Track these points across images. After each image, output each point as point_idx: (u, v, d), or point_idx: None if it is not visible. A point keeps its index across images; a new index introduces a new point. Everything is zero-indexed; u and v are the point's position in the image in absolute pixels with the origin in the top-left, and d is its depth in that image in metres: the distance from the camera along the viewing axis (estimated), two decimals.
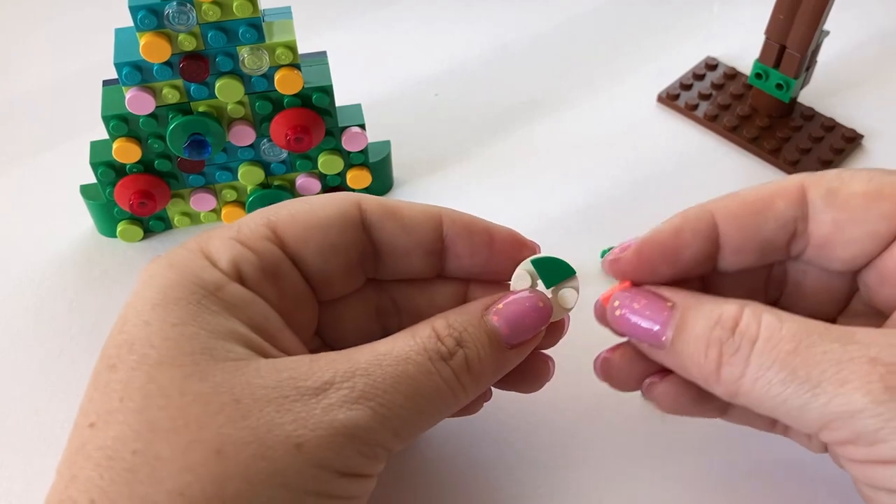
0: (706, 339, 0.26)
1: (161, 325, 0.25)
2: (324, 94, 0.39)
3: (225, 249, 0.27)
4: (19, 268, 0.42)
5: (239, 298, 0.26)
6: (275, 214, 0.29)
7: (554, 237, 0.42)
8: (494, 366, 0.28)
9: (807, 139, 0.46)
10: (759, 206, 0.28)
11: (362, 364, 0.25)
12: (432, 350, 0.26)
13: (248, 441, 0.23)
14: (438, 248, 0.30)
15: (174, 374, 0.24)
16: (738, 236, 0.28)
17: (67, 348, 0.38)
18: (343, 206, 0.29)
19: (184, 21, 0.34)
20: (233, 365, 0.24)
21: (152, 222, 0.42)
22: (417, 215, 0.30)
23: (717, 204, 0.29)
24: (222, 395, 0.24)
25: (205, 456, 0.23)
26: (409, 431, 0.26)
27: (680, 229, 0.28)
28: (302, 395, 0.24)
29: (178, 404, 0.23)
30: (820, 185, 0.28)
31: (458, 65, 0.52)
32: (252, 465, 0.23)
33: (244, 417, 0.23)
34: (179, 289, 0.26)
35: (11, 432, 0.35)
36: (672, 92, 0.49)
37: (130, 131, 0.38)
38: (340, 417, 0.24)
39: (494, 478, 0.33)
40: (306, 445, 0.23)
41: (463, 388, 0.27)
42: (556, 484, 0.33)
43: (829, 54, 0.49)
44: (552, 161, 0.46)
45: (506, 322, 0.28)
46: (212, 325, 0.25)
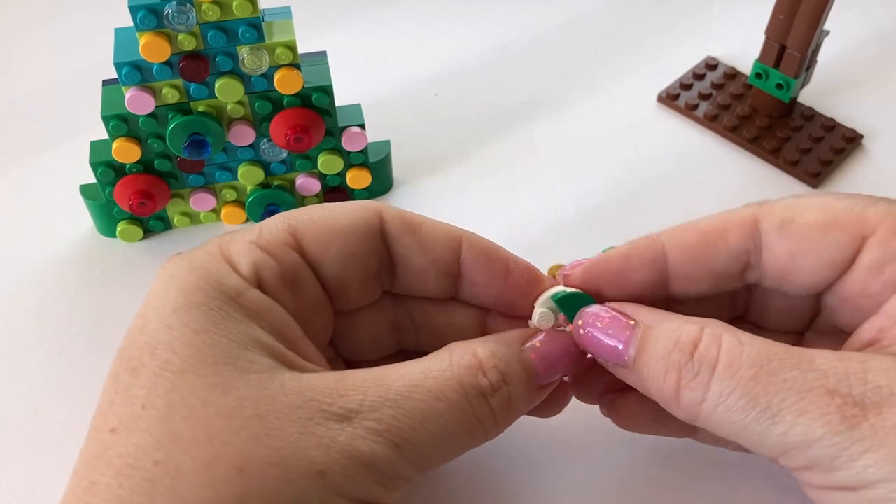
0: (665, 362, 0.26)
1: (183, 331, 0.25)
2: (324, 94, 0.39)
3: (246, 254, 0.27)
4: (19, 268, 0.42)
5: (259, 305, 0.26)
6: (296, 219, 0.28)
7: (554, 237, 0.42)
8: (527, 404, 0.28)
9: (807, 139, 0.46)
10: (709, 237, 0.28)
11: (391, 395, 0.25)
12: (471, 386, 0.26)
13: (271, 462, 0.23)
14: (454, 271, 0.30)
15: (197, 383, 0.24)
16: (688, 267, 0.28)
17: (67, 348, 0.38)
18: (365, 214, 0.29)
19: (183, 21, 0.34)
20: (256, 378, 0.24)
21: (152, 222, 0.42)
22: (437, 234, 0.29)
23: (668, 234, 0.28)
24: (246, 409, 0.23)
25: (227, 473, 0.22)
26: (429, 465, 0.26)
27: (627, 257, 0.28)
28: (326, 419, 0.24)
29: (201, 416, 0.23)
30: (773, 215, 0.27)
31: (458, 65, 0.52)
32: (274, 488, 0.23)
33: (268, 436, 0.23)
34: (200, 293, 0.25)
35: (11, 432, 0.35)
36: (672, 92, 0.49)
37: (130, 131, 0.38)
38: (363, 449, 0.24)
39: (494, 477, 0.33)
40: (329, 474, 0.23)
41: (496, 426, 0.27)
42: (556, 484, 0.33)
43: (829, 54, 0.49)
44: (552, 161, 0.46)
45: (542, 361, 0.28)
46: (234, 334, 0.25)
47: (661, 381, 0.26)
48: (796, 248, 0.27)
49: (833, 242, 0.26)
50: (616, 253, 0.29)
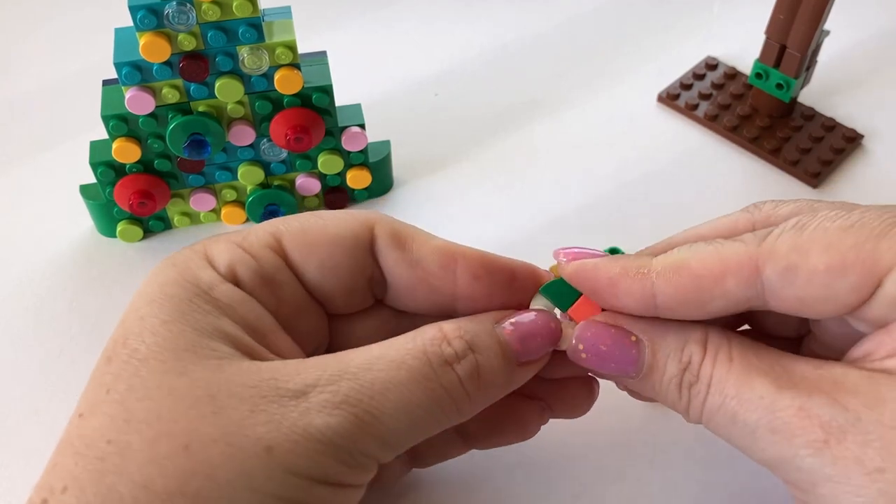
0: (678, 383, 0.26)
1: (153, 321, 0.25)
2: (324, 94, 0.39)
3: (225, 252, 0.27)
4: (19, 268, 0.42)
5: (231, 298, 0.26)
6: (284, 225, 0.28)
7: (554, 237, 0.42)
8: (504, 379, 0.27)
9: (807, 139, 0.46)
10: (704, 283, 0.26)
11: (352, 368, 0.24)
12: (433, 353, 0.25)
13: (215, 438, 0.23)
14: (449, 289, 0.29)
15: (157, 368, 0.24)
16: (679, 310, 0.26)
17: (67, 348, 0.38)
18: (355, 226, 0.28)
19: (183, 21, 0.34)
20: (215, 363, 0.24)
21: (152, 222, 0.42)
22: (428, 251, 0.28)
23: (659, 273, 0.26)
24: (197, 390, 0.24)
25: (172, 450, 0.23)
26: (398, 440, 0.25)
27: (615, 282, 0.27)
28: (280, 396, 0.24)
29: (154, 397, 0.23)
30: (775, 261, 0.25)
31: (458, 65, 0.52)
32: (218, 465, 0.22)
33: (215, 414, 0.23)
34: (175, 286, 0.26)
35: (11, 432, 0.35)
36: (672, 92, 0.49)
37: (130, 131, 0.38)
38: (317, 423, 0.23)
39: (494, 477, 0.33)
40: (277, 449, 0.23)
41: (468, 397, 0.26)
42: (556, 484, 0.33)
43: (829, 54, 0.49)
44: (552, 161, 0.46)
45: (518, 336, 0.27)
46: (200, 324, 0.25)
47: (675, 398, 0.26)
48: (805, 296, 0.25)
49: (845, 288, 0.24)
50: (605, 273, 0.27)
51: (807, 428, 0.23)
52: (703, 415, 0.26)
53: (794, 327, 0.30)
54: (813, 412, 0.23)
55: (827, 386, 0.24)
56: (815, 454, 0.23)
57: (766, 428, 0.24)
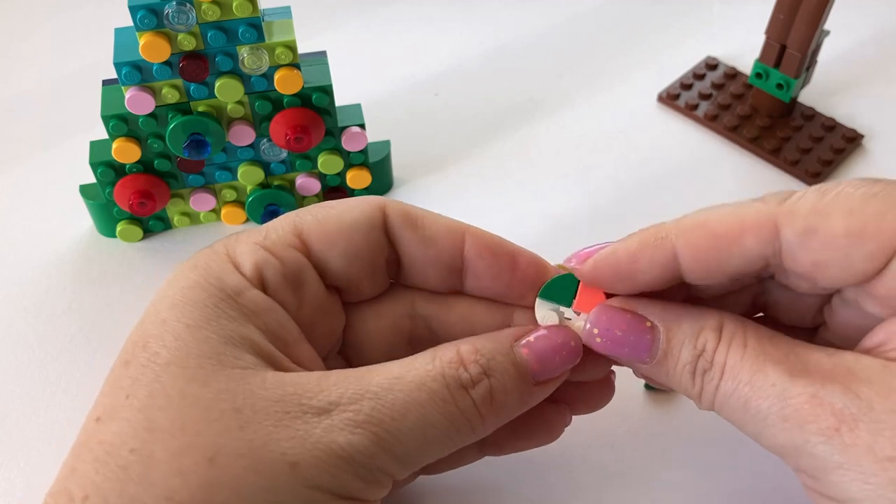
0: (692, 370, 0.26)
1: (175, 325, 0.25)
2: (324, 94, 0.39)
3: (249, 254, 0.27)
4: (19, 268, 0.42)
5: (258, 305, 0.26)
6: (301, 220, 0.28)
7: (554, 237, 0.42)
8: (519, 400, 0.27)
9: (807, 139, 0.46)
10: (723, 241, 0.26)
11: (373, 387, 0.25)
12: (451, 377, 0.26)
13: (242, 453, 0.23)
14: (458, 266, 0.29)
15: (179, 375, 0.24)
16: (699, 270, 0.26)
17: (67, 348, 0.38)
18: (367, 209, 0.29)
19: (183, 21, 0.34)
20: (239, 373, 0.24)
21: (152, 222, 0.42)
22: (439, 229, 0.29)
23: (678, 231, 0.26)
24: (223, 402, 0.23)
25: (197, 462, 0.23)
26: (414, 459, 0.25)
27: (636, 257, 0.27)
28: (304, 412, 0.24)
29: (177, 406, 0.23)
30: (795, 221, 0.25)
31: (458, 65, 0.52)
32: (243, 479, 0.23)
33: (241, 428, 0.23)
34: (199, 290, 0.26)
35: (11, 432, 0.35)
36: (672, 92, 0.49)
37: (130, 131, 0.38)
38: (340, 441, 0.24)
39: (494, 477, 0.33)
40: (301, 465, 0.23)
41: (481, 420, 0.26)
42: (556, 484, 0.33)
43: (829, 54, 0.49)
44: (552, 161, 0.46)
45: (536, 356, 0.27)
46: (225, 331, 0.25)
47: (689, 384, 0.26)
48: (821, 259, 0.25)
49: (862, 254, 0.24)
50: (624, 251, 0.27)
51: (819, 415, 0.24)
52: (716, 401, 0.26)
53: (808, 317, 0.29)
54: (826, 400, 0.24)
55: (840, 374, 0.24)
56: (827, 441, 0.23)
57: (778, 415, 0.24)
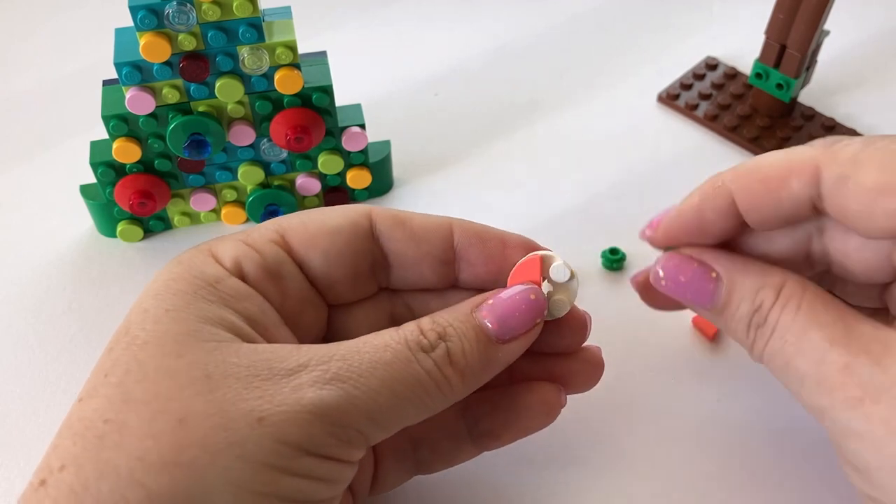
0: (747, 323, 0.28)
1: (155, 311, 0.26)
2: (324, 94, 0.39)
3: (230, 248, 0.28)
4: (19, 268, 0.42)
5: (235, 291, 0.27)
6: (286, 221, 0.30)
7: (554, 237, 0.42)
8: (482, 360, 0.28)
9: (807, 139, 0.46)
10: (773, 184, 0.28)
11: (341, 350, 0.26)
12: (412, 341, 0.27)
13: (210, 413, 0.23)
14: (450, 258, 0.30)
15: (156, 352, 0.25)
16: (756, 213, 0.28)
17: (67, 348, 0.38)
18: (353, 215, 0.30)
19: (184, 21, 0.34)
20: (213, 345, 0.25)
21: (152, 222, 0.42)
22: (427, 224, 0.30)
23: (733, 177, 0.28)
24: (194, 370, 0.24)
25: (168, 425, 0.23)
26: (386, 417, 0.26)
27: (701, 210, 0.29)
28: (274, 374, 0.25)
29: (152, 378, 0.24)
30: (833, 167, 0.26)
31: (458, 65, 0.52)
32: (211, 435, 0.23)
33: (211, 391, 0.24)
34: (181, 281, 0.27)
35: (11, 432, 0.35)
36: (672, 92, 0.49)
37: (130, 131, 0.38)
38: (309, 395, 0.24)
39: (494, 477, 0.33)
40: (268, 420, 0.24)
41: (447, 381, 0.27)
42: (556, 484, 0.33)
43: (829, 54, 0.49)
44: (552, 161, 0.46)
45: (495, 317, 0.28)
46: (203, 312, 0.26)
47: (743, 336, 0.28)
48: (848, 208, 0.26)
49: (884, 209, 0.25)
50: (688, 207, 0.29)
51: (847, 384, 0.25)
52: (764, 355, 0.28)
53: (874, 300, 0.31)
54: (855, 371, 0.25)
55: (877, 348, 0.25)
56: (849, 409, 0.25)
57: (813, 378, 0.26)
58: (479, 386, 0.28)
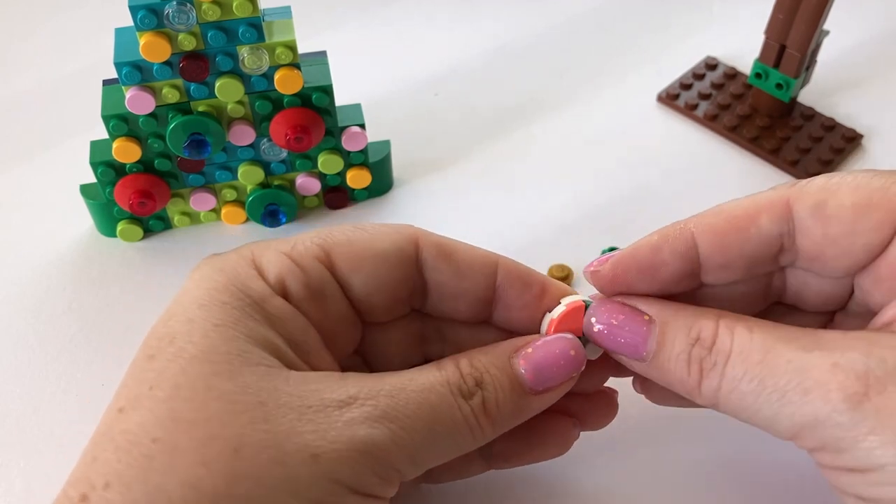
0: (687, 358, 0.26)
1: (203, 324, 0.25)
2: (324, 94, 0.39)
3: (275, 263, 0.28)
4: (19, 268, 0.42)
5: (281, 312, 0.27)
6: (331, 237, 0.29)
7: (554, 237, 0.42)
8: (514, 410, 0.28)
9: (807, 139, 0.46)
10: (740, 223, 0.27)
11: (386, 386, 0.26)
12: (454, 384, 0.27)
13: (266, 445, 0.23)
14: (489, 297, 0.30)
15: (206, 370, 0.24)
16: (719, 255, 0.27)
17: (67, 348, 0.38)
18: (400, 241, 0.29)
19: (184, 21, 0.34)
20: (264, 370, 0.25)
21: (152, 222, 0.42)
22: (473, 261, 0.29)
23: (697, 221, 0.28)
24: (248, 396, 0.24)
25: (222, 453, 0.23)
26: (424, 459, 0.26)
27: (657, 248, 0.28)
28: (326, 406, 0.24)
29: (203, 398, 0.24)
30: (805, 198, 0.27)
31: (458, 65, 0.52)
32: (267, 469, 0.23)
33: (266, 421, 0.24)
34: (226, 293, 0.26)
35: (11, 432, 0.35)
36: (672, 92, 0.49)
37: (130, 131, 0.38)
38: (360, 434, 0.24)
39: (494, 477, 0.33)
40: (323, 458, 0.23)
41: (480, 428, 0.27)
42: (556, 484, 0.33)
43: (829, 54, 0.49)
44: (552, 161, 0.46)
45: (533, 368, 0.28)
46: (252, 332, 0.25)
47: (684, 375, 0.27)
48: (832, 232, 0.26)
49: (868, 225, 0.26)
50: (645, 245, 0.28)
51: (843, 382, 0.23)
52: (722, 388, 0.26)
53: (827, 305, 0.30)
54: (848, 367, 0.23)
55: (860, 345, 0.24)
56: (855, 408, 0.23)
57: (797, 390, 0.24)
58: (506, 430, 0.28)
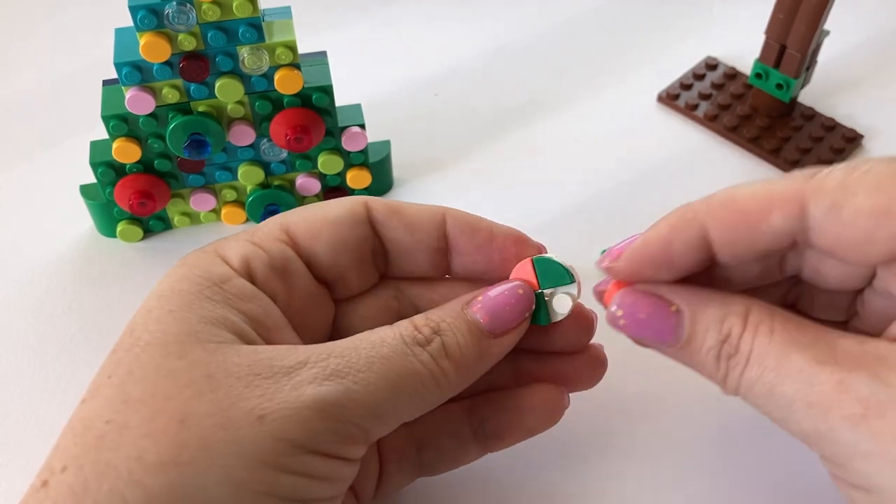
0: (716, 354, 0.26)
1: (159, 312, 0.26)
2: (324, 94, 0.39)
3: (237, 248, 0.28)
4: (19, 268, 0.42)
5: (241, 291, 0.27)
6: (288, 217, 0.30)
7: (554, 237, 0.42)
8: (476, 353, 0.28)
9: (807, 139, 0.46)
10: (753, 219, 0.26)
11: (338, 348, 0.26)
12: (408, 336, 0.27)
13: (211, 413, 0.24)
14: (443, 247, 0.31)
15: (157, 352, 0.25)
16: (730, 249, 0.27)
17: (67, 348, 0.38)
18: (350, 205, 0.30)
19: (184, 21, 0.34)
20: (214, 346, 0.25)
21: (152, 222, 0.42)
22: (421, 214, 0.31)
23: (707, 209, 0.27)
24: (195, 370, 0.24)
25: (167, 424, 0.23)
26: (385, 411, 0.26)
27: (669, 242, 0.27)
28: (275, 373, 0.25)
29: (153, 378, 0.24)
30: (821, 197, 0.25)
31: (458, 65, 0.52)
32: (211, 434, 0.23)
33: (212, 391, 0.24)
34: (186, 282, 0.27)
35: (11, 432, 0.35)
36: (672, 92, 0.49)
37: (130, 131, 0.38)
38: (309, 392, 0.24)
39: (494, 477, 0.33)
40: (269, 417, 0.24)
41: (443, 373, 0.27)
42: (556, 484, 0.33)
43: (829, 54, 0.49)
44: (552, 161, 0.46)
45: (486, 311, 0.28)
46: (205, 312, 0.26)
47: (713, 369, 0.27)
48: (845, 235, 0.25)
49: (885, 234, 0.24)
50: (656, 238, 0.27)
51: (845, 402, 0.23)
52: (741, 386, 0.26)
53: (842, 308, 0.30)
54: (852, 387, 0.23)
55: (869, 362, 0.24)
56: (853, 428, 0.23)
57: (804, 401, 0.24)
58: (473, 379, 0.28)
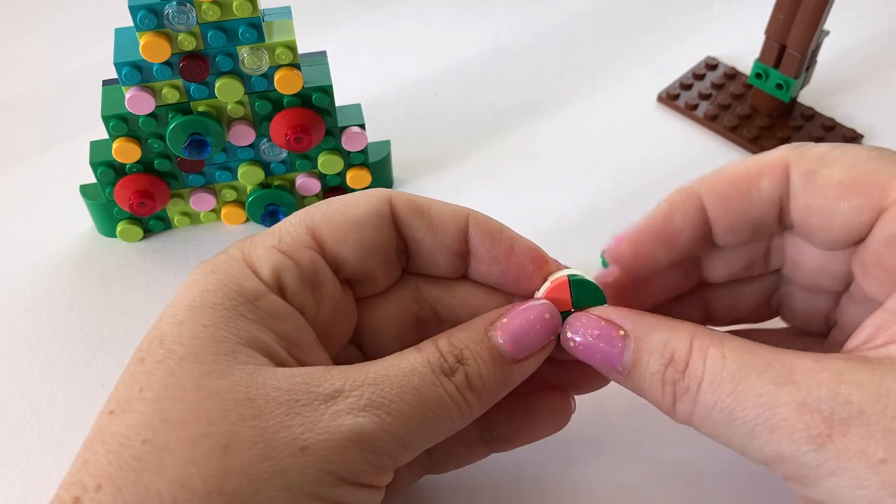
0: (661, 379, 0.26)
1: (193, 325, 0.25)
2: (324, 94, 0.39)
3: (266, 258, 0.27)
4: (19, 268, 0.42)
5: (275, 310, 0.27)
6: (312, 218, 0.29)
7: (554, 237, 0.42)
8: (498, 381, 0.28)
9: (807, 139, 0.46)
10: (743, 185, 0.28)
11: (371, 375, 0.26)
12: (436, 364, 0.27)
13: (255, 441, 0.23)
14: (464, 250, 0.30)
15: (194, 370, 0.24)
16: (726, 217, 0.28)
17: (67, 348, 0.38)
18: (374, 202, 0.29)
19: (183, 21, 0.34)
20: (253, 368, 0.25)
21: (152, 222, 0.43)
22: (445, 215, 0.30)
23: (703, 183, 0.28)
24: (237, 393, 0.24)
25: (211, 450, 0.23)
26: (414, 441, 0.26)
27: (669, 216, 0.28)
28: (313, 400, 0.25)
29: (192, 398, 0.24)
30: (801, 163, 0.27)
31: (458, 65, 0.52)
32: (256, 464, 0.23)
33: (255, 417, 0.24)
34: (218, 294, 0.26)
35: (11, 432, 0.35)
36: (672, 92, 0.49)
37: (130, 131, 0.38)
38: (347, 423, 0.24)
39: (494, 477, 0.33)
40: (311, 448, 0.24)
41: (467, 404, 0.27)
42: (555, 484, 0.33)
43: (829, 54, 0.49)
44: (552, 161, 0.46)
45: (511, 337, 0.28)
46: (241, 332, 0.26)
47: (658, 394, 0.27)
48: (813, 203, 0.26)
49: (847, 206, 0.26)
50: (657, 215, 0.29)
51: (808, 423, 0.23)
52: (695, 413, 0.26)
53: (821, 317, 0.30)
54: (814, 407, 0.23)
55: (828, 379, 0.24)
56: (818, 449, 0.23)
57: (765, 425, 0.24)
58: (494, 403, 0.28)
